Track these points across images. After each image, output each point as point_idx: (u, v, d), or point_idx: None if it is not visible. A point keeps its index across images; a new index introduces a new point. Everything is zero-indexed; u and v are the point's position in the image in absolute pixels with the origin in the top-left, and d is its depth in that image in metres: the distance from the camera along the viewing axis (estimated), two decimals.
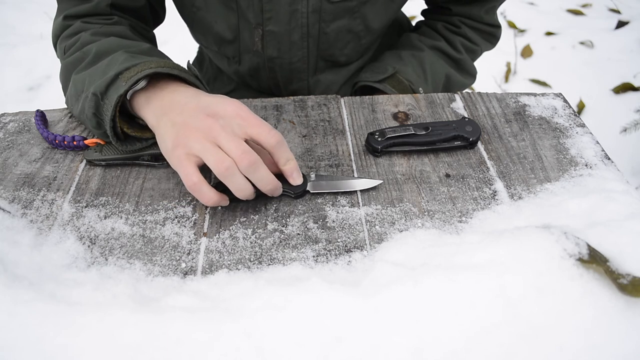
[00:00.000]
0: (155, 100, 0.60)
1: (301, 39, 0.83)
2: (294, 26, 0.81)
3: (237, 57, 0.89)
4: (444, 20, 0.95)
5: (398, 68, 0.88)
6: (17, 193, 0.61)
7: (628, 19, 2.48)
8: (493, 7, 0.92)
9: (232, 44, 0.86)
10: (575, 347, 0.41)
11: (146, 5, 0.81)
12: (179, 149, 0.54)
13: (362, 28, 0.85)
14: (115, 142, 0.62)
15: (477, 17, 0.92)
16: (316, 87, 0.94)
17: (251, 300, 0.45)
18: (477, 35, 0.95)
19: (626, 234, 0.48)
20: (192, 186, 0.53)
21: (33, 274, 0.49)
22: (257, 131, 0.55)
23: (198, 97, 0.58)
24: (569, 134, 0.70)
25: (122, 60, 0.60)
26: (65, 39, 0.73)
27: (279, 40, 0.83)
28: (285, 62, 0.87)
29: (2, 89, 2.22)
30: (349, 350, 0.41)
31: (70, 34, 0.73)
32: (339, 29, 0.83)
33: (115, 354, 0.41)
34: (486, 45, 0.98)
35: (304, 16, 0.80)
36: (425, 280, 0.44)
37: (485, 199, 0.60)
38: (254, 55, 0.87)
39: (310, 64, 0.88)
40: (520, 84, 2.22)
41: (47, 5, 2.76)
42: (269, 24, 0.81)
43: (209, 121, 0.54)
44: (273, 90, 0.95)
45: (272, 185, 0.56)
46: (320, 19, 0.81)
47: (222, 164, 0.52)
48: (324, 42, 0.85)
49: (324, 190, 0.61)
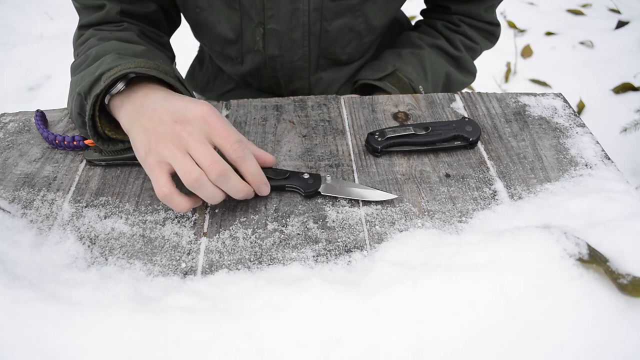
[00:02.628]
0: (128, 104, 0.59)
1: (302, 37, 0.83)
2: (295, 24, 0.81)
3: (239, 58, 0.89)
4: (444, 19, 0.95)
5: (398, 66, 0.88)
6: (17, 193, 0.61)
7: (628, 19, 2.48)
8: (492, 5, 0.92)
9: (234, 44, 0.86)
10: (575, 347, 0.41)
11: (157, 10, 0.81)
12: (150, 156, 0.53)
13: (364, 26, 0.85)
14: (97, 142, 0.62)
15: (477, 15, 0.93)
16: (317, 86, 0.94)
17: (251, 300, 0.45)
18: (477, 33, 0.95)
19: (626, 234, 0.48)
20: (163, 197, 0.52)
21: (33, 274, 0.49)
22: (220, 142, 0.53)
23: (168, 102, 0.56)
24: (569, 134, 0.70)
25: (110, 61, 0.60)
26: (78, 46, 0.76)
27: (280, 39, 0.83)
28: (286, 61, 0.87)
29: (2, 89, 2.22)
30: (349, 350, 0.41)
31: (82, 41, 0.75)
32: (340, 27, 0.83)
33: (115, 354, 0.41)
34: (486, 43, 0.98)
35: (305, 14, 0.80)
36: (425, 280, 0.44)
37: (485, 199, 0.60)
38: (255, 54, 0.87)
39: (312, 63, 0.88)
40: (520, 84, 2.22)
41: (47, 5, 2.76)
42: (270, 22, 0.81)
43: (177, 128, 0.53)
44: (274, 89, 0.95)
45: (244, 193, 0.55)
46: (322, 17, 0.81)
47: (191, 175, 0.51)
48: (326, 40, 0.85)
49: (335, 194, 0.60)
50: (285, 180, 0.60)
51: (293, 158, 0.67)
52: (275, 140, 0.70)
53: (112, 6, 0.76)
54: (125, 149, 0.64)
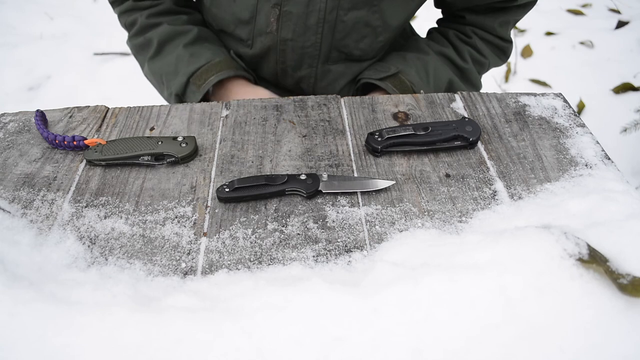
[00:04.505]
0: (218, 94, 0.92)
1: (317, 23, 0.83)
2: (312, 10, 0.81)
3: (250, 40, 0.90)
4: (456, 29, 0.95)
5: (401, 68, 0.88)
6: (17, 193, 0.61)
7: (628, 19, 2.48)
8: (507, 22, 0.92)
9: (247, 25, 0.87)
10: (575, 347, 0.41)
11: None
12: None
13: (380, 23, 0.85)
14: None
15: (490, 28, 0.93)
16: (324, 77, 0.93)
17: (251, 300, 0.45)
18: (487, 47, 0.95)
19: (626, 234, 0.48)
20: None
21: (33, 274, 0.49)
22: None
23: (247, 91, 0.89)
24: (569, 134, 0.70)
25: (186, 60, 0.86)
26: (125, 14, 0.94)
27: (295, 22, 0.83)
28: (297, 46, 0.87)
29: (2, 89, 2.22)
30: (349, 350, 0.41)
31: (127, 9, 0.94)
32: (356, 19, 0.83)
33: (115, 354, 0.40)
34: (495, 59, 0.98)
35: (322, 1, 0.80)
36: (425, 280, 0.44)
37: (485, 199, 0.60)
38: (266, 37, 0.87)
39: (322, 52, 0.88)
40: (520, 84, 2.22)
41: (47, 5, 2.76)
42: (287, 5, 0.81)
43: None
44: (279, 76, 0.95)
45: None
46: (339, 5, 0.81)
47: None
48: (340, 30, 0.85)
49: (336, 190, 0.60)
50: (284, 185, 0.60)
51: (293, 158, 0.67)
52: (275, 140, 0.70)
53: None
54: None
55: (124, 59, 2.33)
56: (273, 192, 0.60)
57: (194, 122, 0.73)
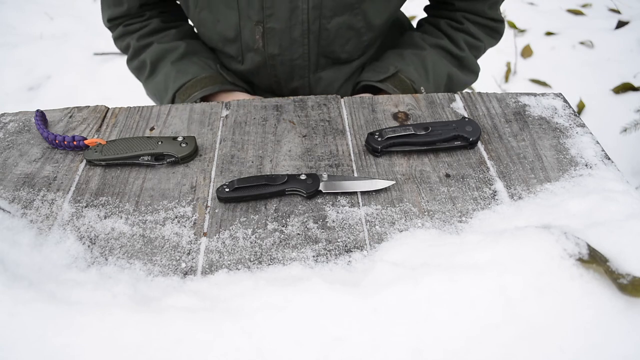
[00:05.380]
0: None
1: (302, 35, 0.83)
2: (295, 23, 0.81)
3: (240, 57, 0.90)
4: (447, 17, 0.95)
5: (400, 67, 0.88)
6: (17, 193, 0.61)
7: (628, 19, 2.48)
8: (496, 2, 0.92)
9: (234, 42, 0.87)
10: (575, 347, 0.41)
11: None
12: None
13: (363, 24, 0.85)
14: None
15: (481, 12, 0.92)
16: (317, 85, 0.94)
17: (251, 300, 0.45)
18: (481, 30, 0.94)
19: (626, 234, 0.48)
20: None
21: (33, 274, 0.49)
22: None
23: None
24: (569, 134, 0.70)
25: (173, 77, 0.87)
26: (118, 40, 0.97)
27: (280, 37, 0.83)
28: (286, 59, 0.87)
29: (2, 89, 2.22)
30: (349, 350, 0.41)
31: (119, 35, 0.95)
32: (339, 25, 0.83)
33: (115, 354, 0.40)
34: (489, 41, 0.98)
35: (304, 12, 0.80)
36: (425, 280, 0.44)
37: (485, 199, 0.60)
38: (255, 53, 0.87)
39: (312, 61, 0.88)
40: (520, 84, 2.22)
41: (47, 5, 2.76)
42: (269, 21, 0.81)
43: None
44: (274, 88, 0.95)
45: None
46: (321, 15, 0.81)
47: None
48: (325, 38, 0.85)
49: (336, 190, 0.61)
50: (284, 185, 0.60)
51: (293, 158, 0.67)
52: (275, 140, 0.70)
53: (132, 4, 0.90)
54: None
55: (124, 59, 2.32)
56: (273, 192, 0.60)
57: (194, 122, 0.73)
